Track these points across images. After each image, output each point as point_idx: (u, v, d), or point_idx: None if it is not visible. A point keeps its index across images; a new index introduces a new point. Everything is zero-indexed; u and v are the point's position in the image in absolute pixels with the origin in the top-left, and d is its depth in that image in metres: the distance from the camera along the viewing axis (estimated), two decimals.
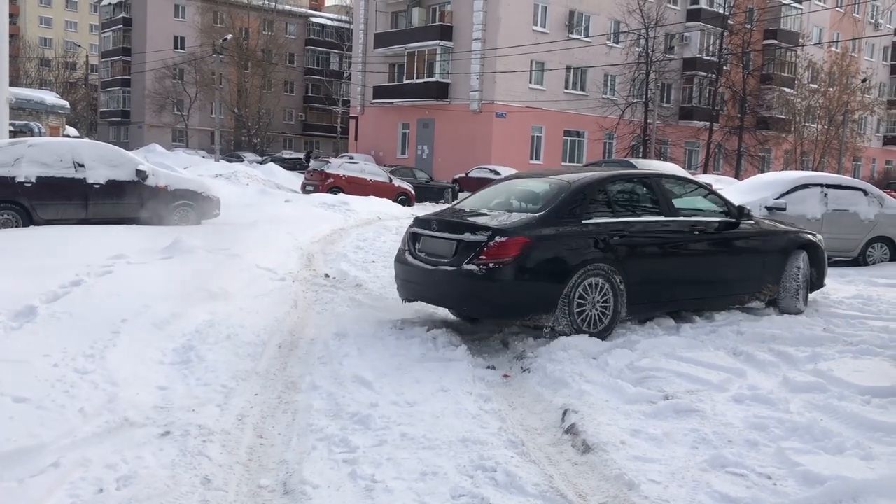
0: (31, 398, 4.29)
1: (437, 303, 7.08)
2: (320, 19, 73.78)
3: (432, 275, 6.55)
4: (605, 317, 6.53)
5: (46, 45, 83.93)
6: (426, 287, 6.75)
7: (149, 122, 63.96)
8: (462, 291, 6.37)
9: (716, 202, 7.75)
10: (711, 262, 7.36)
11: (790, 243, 8.00)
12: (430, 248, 6.77)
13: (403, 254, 7.07)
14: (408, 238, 7.13)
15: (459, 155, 38.18)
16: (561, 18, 40.02)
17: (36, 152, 12.24)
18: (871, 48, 58.01)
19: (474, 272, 6.16)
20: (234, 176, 26.86)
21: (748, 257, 7.68)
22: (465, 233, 6.43)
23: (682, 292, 7.19)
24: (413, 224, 7.19)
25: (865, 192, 13.08)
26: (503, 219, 6.47)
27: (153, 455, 3.98)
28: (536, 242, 6.23)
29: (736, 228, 7.53)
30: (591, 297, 6.43)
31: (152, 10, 64.80)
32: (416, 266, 6.78)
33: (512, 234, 6.19)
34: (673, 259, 7.10)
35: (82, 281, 6.83)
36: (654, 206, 7.16)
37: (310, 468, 3.95)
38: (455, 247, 6.44)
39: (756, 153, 45.42)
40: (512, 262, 6.10)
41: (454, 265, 6.34)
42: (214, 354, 5.70)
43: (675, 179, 7.89)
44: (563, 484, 3.89)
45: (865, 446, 4.15)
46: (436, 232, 6.76)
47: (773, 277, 7.81)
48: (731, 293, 7.64)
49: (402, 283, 7.12)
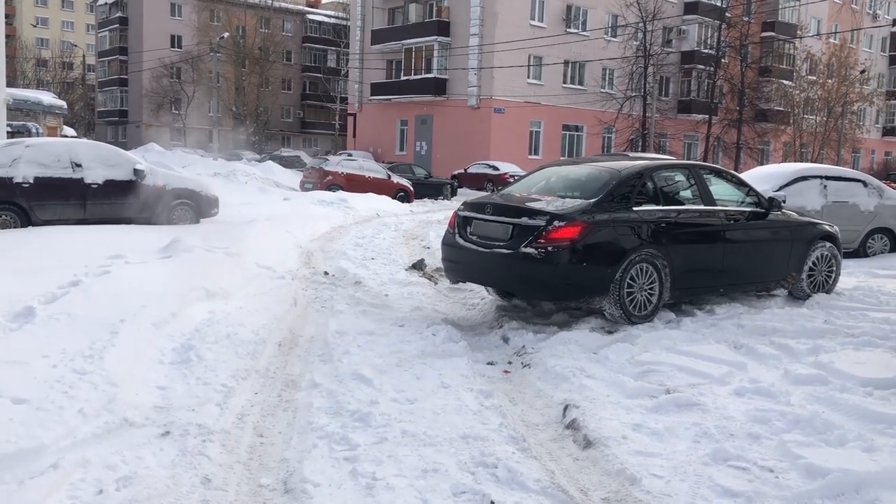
0: (30, 399, 4.27)
1: (490, 284, 7.44)
2: (317, 16, 73.63)
3: (486, 257, 6.79)
4: (651, 301, 6.79)
5: (43, 46, 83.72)
6: (479, 269, 7.02)
7: (146, 121, 63.89)
8: (520, 273, 6.57)
9: (746, 192, 7.96)
10: (745, 250, 7.61)
11: (814, 234, 8.25)
12: (484, 231, 6.98)
13: (453, 237, 7.27)
14: (458, 221, 7.30)
15: (458, 151, 38.16)
16: (558, 13, 39.95)
17: (33, 153, 12.20)
18: (869, 39, 57.94)
19: (532, 255, 6.38)
20: (232, 174, 26.81)
21: (777, 246, 7.90)
22: (522, 217, 6.62)
23: (718, 278, 7.47)
24: (463, 208, 7.36)
25: (865, 183, 13.05)
26: (558, 204, 6.69)
27: (153, 455, 3.97)
28: (593, 227, 6.47)
29: (766, 218, 7.79)
30: (640, 281, 6.70)
31: (149, 9, 64.68)
32: (469, 248, 6.99)
33: (570, 219, 6.41)
34: (711, 246, 7.36)
35: (80, 281, 6.80)
36: (695, 196, 7.47)
37: (310, 466, 3.93)
38: (511, 230, 6.64)
39: (755, 146, 45.32)
40: (570, 245, 6.35)
41: (511, 248, 6.55)
42: (214, 353, 5.68)
43: (711, 169, 8.11)
44: (564, 479, 3.88)
45: (868, 438, 4.14)
46: (490, 216, 6.97)
47: (796, 266, 8.04)
48: (761, 280, 7.92)
49: (452, 264, 7.37)
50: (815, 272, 8.25)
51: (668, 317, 7.02)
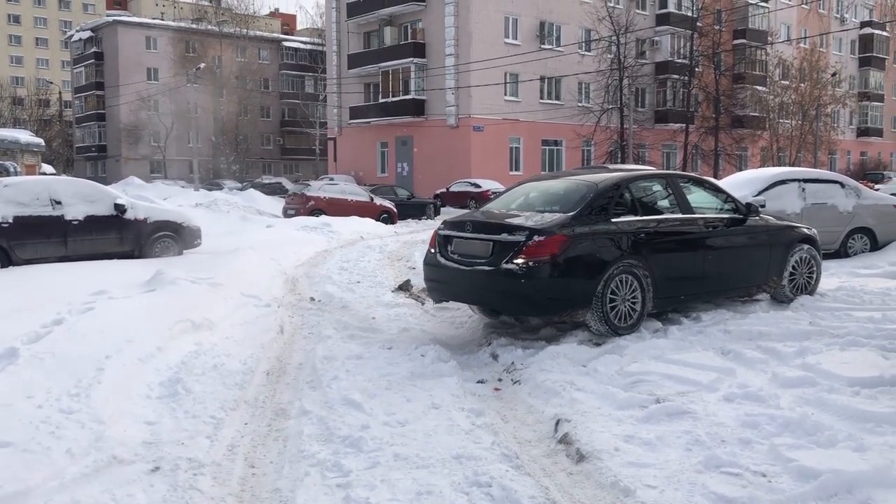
0: (15, 441, 4.21)
1: (473, 302, 7.39)
2: (293, 43, 73.84)
3: (468, 275, 6.77)
4: (634, 311, 6.79)
5: (18, 84, 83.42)
6: (462, 287, 6.98)
7: (126, 155, 63.63)
8: (502, 290, 6.55)
9: (724, 199, 8.01)
10: (725, 256, 7.64)
11: (793, 237, 8.30)
12: (465, 249, 6.97)
13: (434, 256, 7.27)
14: (439, 240, 7.29)
15: (439, 170, 38.28)
16: (532, 29, 40.31)
17: (12, 192, 12.12)
18: (838, 42, 58.83)
19: (514, 271, 6.37)
20: (214, 204, 26.72)
21: (757, 251, 7.93)
22: (501, 233, 6.64)
23: (701, 285, 7.49)
24: (444, 227, 7.36)
25: (842, 184, 13.19)
26: (537, 219, 6.69)
27: (143, 492, 3.92)
28: (573, 241, 6.48)
29: (744, 224, 7.83)
30: (622, 292, 6.70)
31: (123, 44, 64.62)
32: (450, 267, 6.99)
33: (550, 233, 6.42)
34: (692, 254, 7.38)
35: (64, 319, 6.74)
36: (673, 204, 7.52)
37: (303, 495, 3.90)
38: (492, 247, 6.65)
39: (733, 152, 45.76)
40: (551, 260, 6.35)
41: (492, 265, 6.56)
42: (202, 385, 5.64)
43: (688, 178, 8.16)
44: (559, 495, 3.87)
45: (857, 438, 4.16)
46: (470, 233, 6.97)
47: (777, 270, 8.09)
48: (742, 285, 7.95)
49: (434, 284, 7.34)
50: (797, 275, 8.30)
51: (655, 326, 7.04)
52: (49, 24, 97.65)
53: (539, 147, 41.56)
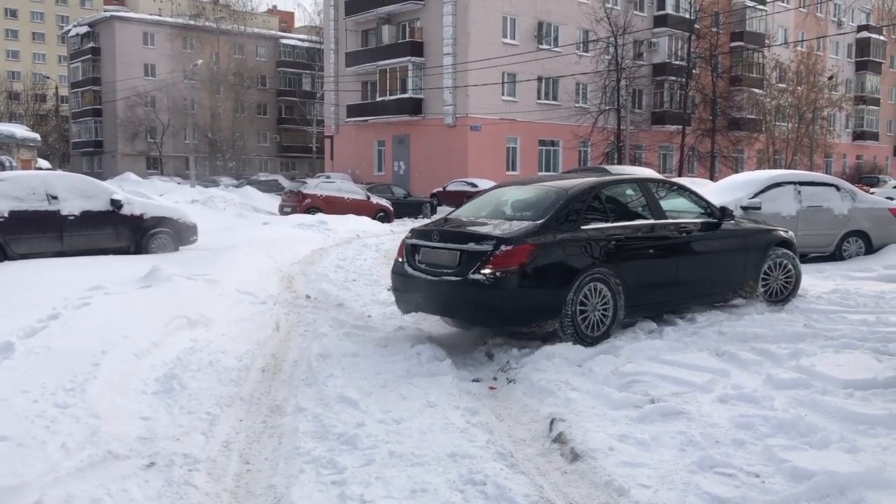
0: (10, 436, 4.20)
1: (441, 313, 7.11)
2: (290, 41, 73.77)
3: (436, 286, 6.57)
4: (605, 320, 6.63)
5: (14, 78, 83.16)
6: (429, 298, 6.74)
7: (122, 150, 63.50)
8: (469, 301, 6.38)
9: (698, 203, 7.88)
10: (699, 262, 7.49)
11: (769, 240, 8.18)
12: (432, 258, 6.77)
13: (402, 266, 7.05)
14: (406, 249, 7.09)
15: (436, 169, 38.30)
16: (530, 30, 40.33)
17: (7, 186, 12.11)
18: (835, 46, 58.99)
19: (481, 281, 6.19)
20: (210, 201, 26.72)
21: (731, 255, 7.80)
22: (468, 242, 6.45)
23: (673, 292, 7.33)
24: (411, 235, 7.16)
25: (838, 187, 13.24)
26: (505, 227, 6.53)
27: (138, 487, 3.92)
28: (541, 249, 6.30)
29: (719, 228, 7.69)
30: (592, 301, 6.53)
31: (121, 39, 64.49)
32: (417, 277, 6.77)
33: (518, 242, 6.23)
34: (665, 261, 7.22)
35: (60, 314, 6.73)
36: (645, 210, 7.32)
37: (298, 492, 3.91)
38: (459, 257, 6.46)
39: (729, 154, 45.90)
40: (519, 269, 6.16)
41: (459, 275, 6.37)
42: (197, 382, 5.64)
43: (660, 182, 8.01)
44: (553, 493, 3.89)
45: (850, 439, 4.19)
46: (437, 243, 6.76)
47: (753, 274, 7.97)
48: (717, 290, 7.79)
49: (402, 295, 7.10)
50: (770, 279, 8.15)
51: (650, 327, 7.06)
52: (46, 18, 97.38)
53: (536, 147, 41.59)
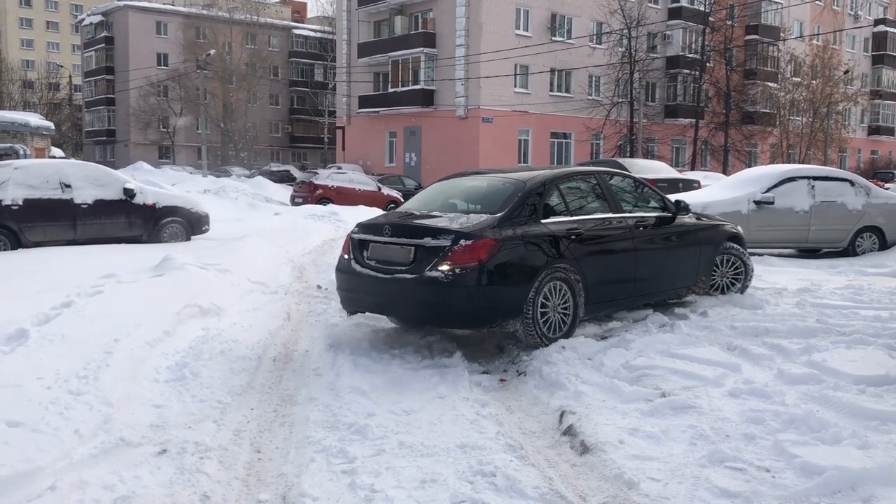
0: (25, 422, 4.25)
1: (393, 314, 6.68)
2: (303, 31, 73.71)
3: (388, 284, 6.10)
4: (566, 319, 6.38)
5: (29, 67, 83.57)
6: (380, 298, 6.30)
7: (134, 140, 63.75)
8: (426, 301, 5.96)
9: (653, 197, 7.73)
10: (656, 257, 7.32)
11: (721, 235, 8.10)
12: (383, 255, 6.32)
13: (348, 263, 6.56)
14: (353, 245, 6.62)
15: (447, 161, 38.23)
16: (543, 21, 40.17)
17: (22, 175, 12.20)
18: (851, 40, 58.49)
19: (439, 279, 5.80)
20: (222, 191, 26.82)
21: (687, 251, 7.69)
22: (424, 237, 6.02)
23: (633, 288, 7.12)
24: (358, 230, 6.70)
25: (852, 182, 13.15)
26: (463, 221, 6.13)
27: (150, 474, 3.96)
28: (503, 244, 5.94)
29: (674, 223, 7.56)
30: (554, 300, 6.26)
31: (134, 28, 64.65)
32: (367, 275, 6.29)
33: (477, 236, 5.85)
34: (624, 256, 6.99)
35: (73, 302, 6.78)
36: (603, 204, 7.09)
37: (309, 481, 3.93)
38: (413, 253, 6.03)
39: (742, 148, 45.67)
40: (479, 266, 5.79)
41: (414, 272, 5.94)
42: (209, 370, 5.68)
43: (616, 175, 7.80)
44: (562, 486, 3.89)
45: (862, 435, 4.17)
46: (389, 238, 6.32)
47: (706, 270, 7.89)
48: (673, 286, 7.66)
49: (349, 294, 6.62)
50: (716, 275, 8.06)
51: (662, 321, 7.04)
52: (60, 7, 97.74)
53: (548, 139, 41.48)
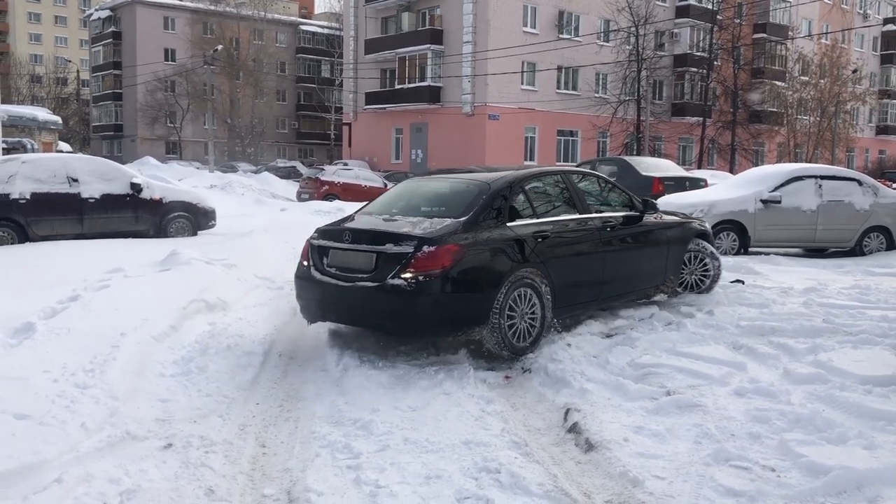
0: (32, 415, 4.27)
1: (355, 323, 6.42)
2: (310, 27, 73.76)
3: (349, 293, 5.89)
4: (534, 323, 6.16)
5: (37, 62, 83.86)
6: (341, 306, 6.10)
7: (142, 135, 63.88)
8: (389, 309, 5.72)
9: (620, 196, 7.60)
10: (625, 257, 7.21)
11: (689, 233, 8.01)
12: (343, 261, 6.08)
13: (308, 270, 6.31)
14: (312, 252, 6.37)
15: (454, 158, 38.23)
16: (550, 19, 40.12)
17: (29, 169, 12.24)
18: (860, 39, 58.19)
19: (402, 287, 5.58)
20: (228, 186, 26.87)
21: (655, 250, 7.58)
22: (385, 243, 5.80)
23: (601, 290, 6.98)
24: (317, 236, 6.45)
25: (860, 182, 13.11)
26: (426, 225, 5.90)
27: (156, 468, 3.97)
28: (468, 249, 5.74)
29: (641, 222, 7.44)
30: (521, 307, 6.06)
31: (142, 24, 64.77)
32: (327, 283, 6.06)
33: (442, 242, 5.65)
34: (592, 257, 6.83)
35: (80, 296, 6.81)
36: (569, 204, 6.94)
37: (313, 475, 3.94)
38: (375, 259, 5.81)
39: (749, 147, 45.55)
40: (443, 273, 5.58)
41: (376, 280, 5.72)
42: (215, 365, 5.69)
43: (582, 174, 7.67)
44: (567, 483, 3.89)
45: (868, 436, 4.16)
46: (349, 244, 6.07)
47: (674, 269, 7.80)
48: (642, 287, 7.54)
49: (308, 303, 6.36)
50: (685, 272, 7.98)
51: (668, 319, 7.03)
52: (68, 2, 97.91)
53: (554, 137, 41.45)
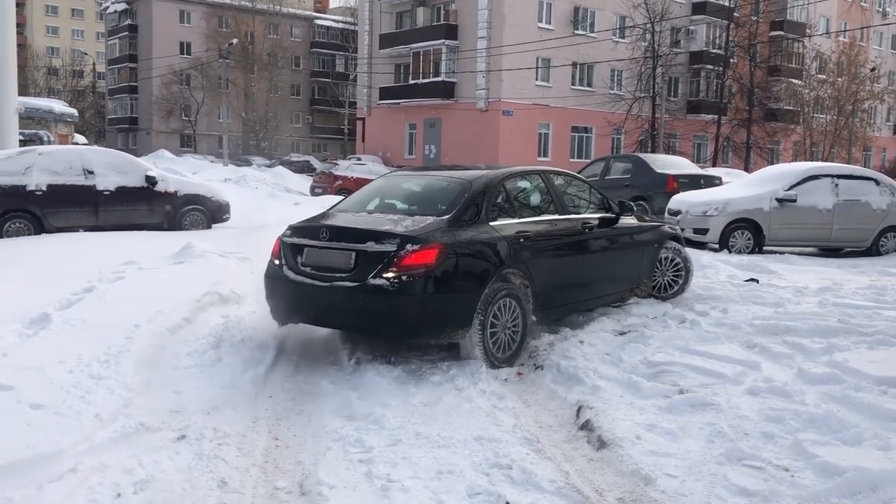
0: (47, 405, 4.30)
1: (332, 325, 6.19)
2: (325, 21, 73.84)
3: (326, 293, 5.65)
4: (517, 325, 6.02)
5: (54, 54, 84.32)
6: (317, 307, 5.83)
7: (157, 128, 64.22)
8: (370, 311, 5.50)
9: (595, 197, 7.52)
10: (602, 260, 7.15)
11: (662, 236, 7.96)
12: (320, 260, 5.82)
13: (280, 269, 6.03)
14: (284, 250, 6.09)
15: (467, 154, 38.17)
16: (566, 14, 39.95)
17: (46, 161, 12.33)
18: (879, 37, 57.61)
19: (384, 287, 5.38)
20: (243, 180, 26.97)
21: (631, 252, 7.54)
22: (366, 241, 5.56)
23: (580, 293, 6.92)
24: (291, 233, 6.15)
25: (877, 181, 13.00)
26: (408, 223, 5.71)
27: (169, 459, 4.00)
28: (452, 249, 5.57)
29: (617, 224, 7.37)
30: (503, 319, 5.91)
31: (158, 17, 65.05)
32: (301, 283, 5.80)
33: (425, 241, 5.47)
34: (573, 259, 6.78)
35: (95, 287, 6.85)
36: (549, 205, 6.84)
37: (325, 469, 3.95)
38: (355, 258, 5.58)
39: (765, 145, 45.20)
40: (428, 273, 5.41)
41: (356, 279, 5.49)
42: (229, 358, 5.71)
43: (559, 174, 7.54)
44: (579, 480, 3.89)
45: (883, 437, 4.13)
46: (326, 242, 5.82)
47: (647, 271, 7.75)
48: (618, 289, 7.48)
49: (280, 303, 6.06)
50: (657, 274, 7.93)
51: (681, 317, 7.00)
52: None
53: (568, 134, 41.32)
